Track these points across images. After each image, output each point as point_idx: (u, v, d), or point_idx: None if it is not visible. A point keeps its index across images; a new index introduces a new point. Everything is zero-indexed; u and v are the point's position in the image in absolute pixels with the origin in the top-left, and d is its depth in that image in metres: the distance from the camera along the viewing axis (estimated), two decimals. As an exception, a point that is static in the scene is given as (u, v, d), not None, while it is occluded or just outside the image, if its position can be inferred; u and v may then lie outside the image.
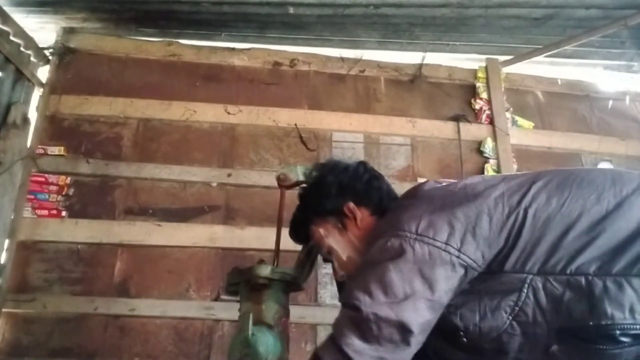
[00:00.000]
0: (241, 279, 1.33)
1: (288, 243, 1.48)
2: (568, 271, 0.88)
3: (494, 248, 0.93)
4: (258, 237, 2.51)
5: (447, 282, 0.92)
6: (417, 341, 0.92)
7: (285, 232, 1.46)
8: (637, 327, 0.82)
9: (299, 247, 1.39)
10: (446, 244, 0.93)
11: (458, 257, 0.92)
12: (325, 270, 2.56)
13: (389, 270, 0.93)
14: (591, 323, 0.84)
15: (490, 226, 0.93)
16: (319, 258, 1.41)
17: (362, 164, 1.26)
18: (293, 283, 1.34)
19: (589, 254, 0.87)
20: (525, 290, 0.90)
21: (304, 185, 1.36)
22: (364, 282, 0.96)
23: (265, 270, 1.26)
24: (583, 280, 0.86)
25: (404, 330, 0.90)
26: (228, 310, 2.36)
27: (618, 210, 0.90)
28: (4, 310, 2.29)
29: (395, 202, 1.16)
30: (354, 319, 0.93)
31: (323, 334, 2.46)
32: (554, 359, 0.91)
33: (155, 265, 2.49)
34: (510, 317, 0.92)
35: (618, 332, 0.83)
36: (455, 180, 1.13)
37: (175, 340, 2.39)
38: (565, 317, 0.87)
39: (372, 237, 1.07)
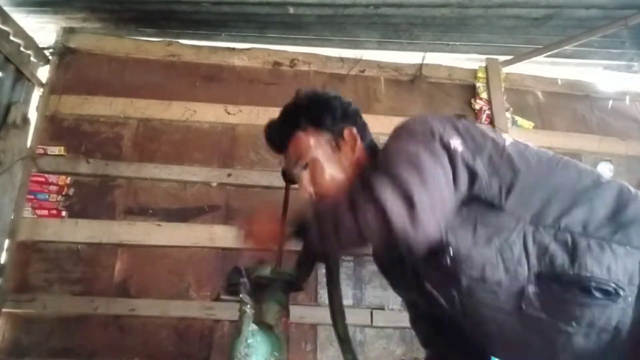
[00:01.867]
0: (241, 279, 1.33)
1: (288, 244, 1.48)
2: (556, 226, 0.96)
3: (496, 180, 1.00)
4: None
5: (462, 175, 0.99)
6: (443, 217, 0.98)
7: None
8: (611, 284, 0.90)
9: (299, 247, 1.39)
10: (460, 152, 1.00)
11: (473, 162, 1.00)
12: (325, 270, 2.56)
13: (421, 156, 0.98)
14: (571, 272, 0.92)
15: (491, 159, 1.01)
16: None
17: None
18: (293, 283, 1.34)
19: (573, 217, 0.96)
20: (516, 232, 0.97)
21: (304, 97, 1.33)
22: (404, 149, 1.01)
23: (265, 270, 1.26)
24: (569, 236, 0.94)
25: (438, 207, 0.96)
26: (228, 310, 2.35)
27: (596, 189, 1.00)
28: (4, 310, 2.29)
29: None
30: (409, 169, 0.96)
31: (323, 334, 2.47)
32: (526, 298, 0.96)
33: (155, 265, 2.49)
34: (498, 253, 0.98)
35: (594, 284, 0.90)
36: None
37: (175, 340, 2.39)
38: (548, 263, 0.94)
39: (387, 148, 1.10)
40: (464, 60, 3.21)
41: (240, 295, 1.17)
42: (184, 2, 2.53)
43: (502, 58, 3.16)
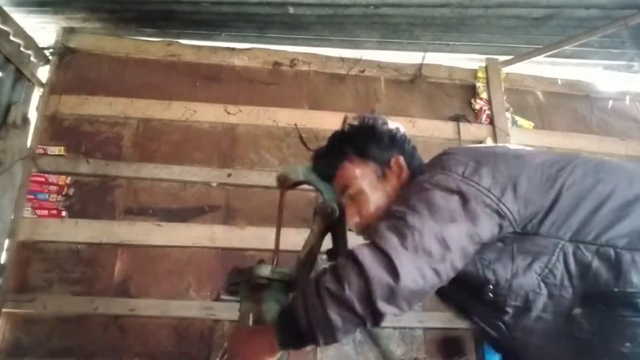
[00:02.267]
0: (241, 279, 1.33)
1: (288, 243, 1.48)
2: (598, 242, 0.92)
3: (530, 209, 0.97)
4: (258, 237, 2.51)
5: (487, 222, 0.96)
6: (452, 265, 0.94)
7: (284, 233, 1.46)
8: None
9: (299, 247, 1.39)
10: (488, 190, 0.97)
11: (497, 204, 0.96)
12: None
13: (434, 195, 0.97)
14: (616, 290, 0.89)
15: (529, 186, 0.98)
16: (319, 258, 1.41)
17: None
18: (293, 283, 1.34)
19: (618, 230, 0.92)
20: (556, 254, 0.94)
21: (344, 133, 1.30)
22: (408, 200, 0.98)
23: (265, 270, 1.26)
24: (612, 251, 0.91)
25: (443, 246, 0.93)
26: (228, 310, 2.36)
27: None
28: (4, 310, 2.29)
29: (432, 159, 1.17)
30: (396, 226, 0.94)
31: (323, 334, 2.46)
32: (575, 322, 0.94)
33: (155, 265, 2.49)
34: (540, 278, 0.96)
35: None
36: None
37: (175, 340, 2.39)
38: (592, 283, 0.91)
39: (412, 184, 1.08)
40: (464, 60, 3.21)
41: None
42: (184, 2, 2.53)
43: (502, 58, 3.16)
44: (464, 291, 1.06)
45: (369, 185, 1.19)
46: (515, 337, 1.06)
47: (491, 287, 0.99)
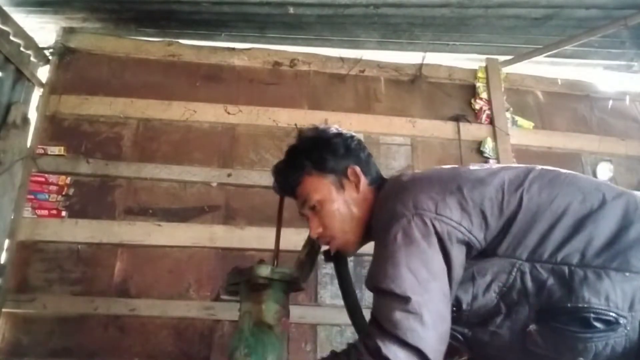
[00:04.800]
0: (241, 279, 1.33)
1: (288, 243, 1.48)
2: (553, 260, 0.95)
3: (492, 231, 1.01)
4: (258, 237, 2.51)
5: (459, 258, 1.00)
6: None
7: (284, 233, 1.46)
8: (610, 313, 0.88)
9: (299, 247, 1.39)
10: (459, 224, 0.99)
11: (467, 236, 1.00)
12: (325, 270, 2.56)
13: (424, 250, 0.98)
14: (569, 305, 0.91)
15: (492, 211, 1.01)
16: (319, 258, 1.41)
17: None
18: (293, 283, 1.34)
19: (571, 247, 0.95)
20: (514, 274, 0.98)
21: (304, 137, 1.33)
22: (400, 260, 0.97)
23: (265, 270, 1.26)
24: (566, 269, 0.93)
25: (448, 302, 0.97)
26: (228, 310, 2.36)
27: (600, 211, 0.97)
28: (4, 310, 2.29)
29: (395, 182, 1.18)
30: (408, 310, 0.94)
31: (323, 334, 2.47)
32: (530, 338, 0.97)
33: (155, 265, 2.49)
34: (498, 297, 1.00)
35: (592, 315, 0.89)
36: (454, 165, 1.20)
37: (175, 340, 2.39)
38: (546, 299, 0.94)
39: (384, 214, 1.08)
40: (464, 60, 3.21)
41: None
42: (184, 2, 2.53)
43: (502, 58, 3.16)
44: None
45: (329, 196, 1.20)
46: (472, 347, 1.11)
47: (454, 309, 1.01)
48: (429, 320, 0.92)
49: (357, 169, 1.23)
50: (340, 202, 1.20)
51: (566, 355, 0.93)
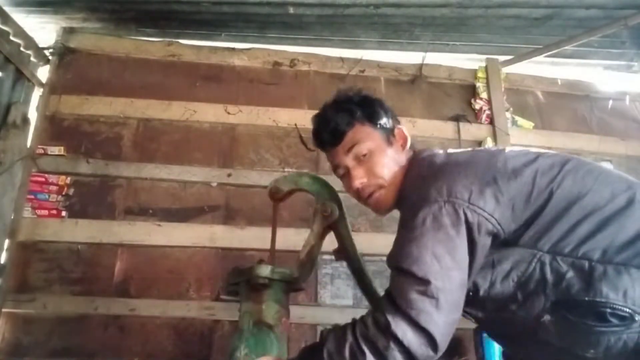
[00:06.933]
0: (241, 279, 1.33)
1: (288, 243, 1.48)
2: (574, 254, 0.95)
3: (518, 222, 1.01)
4: (258, 237, 2.51)
5: (484, 248, 1.01)
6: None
7: (284, 233, 1.46)
8: (626, 309, 0.88)
9: (299, 247, 1.39)
10: (491, 215, 1.00)
11: (497, 227, 1.00)
12: (325, 270, 2.56)
13: (452, 238, 0.98)
14: (586, 299, 0.91)
15: (521, 203, 1.01)
16: (319, 258, 1.41)
17: None
18: (293, 283, 1.34)
19: (595, 243, 0.95)
20: (533, 264, 0.98)
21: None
22: (426, 243, 0.98)
23: (265, 270, 1.26)
24: (586, 264, 0.93)
25: (463, 289, 0.99)
26: (228, 310, 2.36)
27: (627, 209, 0.97)
28: (4, 310, 2.29)
29: (429, 163, 1.18)
30: (425, 292, 0.94)
31: (323, 334, 2.47)
32: (543, 328, 0.98)
33: (155, 265, 2.49)
34: (516, 286, 1.00)
35: (609, 310, 0.89)
36: (489, 149, 1.21)
37: (175, 340, 2.39)
38: (564, 291, 0.94)
39: (416, 194, 1.08)
40: (464, 60, 3.21)
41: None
42: (184, 2, 2.53)
43: (502, 58, 3.16)
44: None
45: (381, 147, 1.22)
46: (484, 327, 1.16)
47: (471, 294, 1.03)
48: (445, 306, 0.93)
49: (404, 129, 1.27)
50: (390, 154, 1.22)
51: (577, 347, 0.95)
